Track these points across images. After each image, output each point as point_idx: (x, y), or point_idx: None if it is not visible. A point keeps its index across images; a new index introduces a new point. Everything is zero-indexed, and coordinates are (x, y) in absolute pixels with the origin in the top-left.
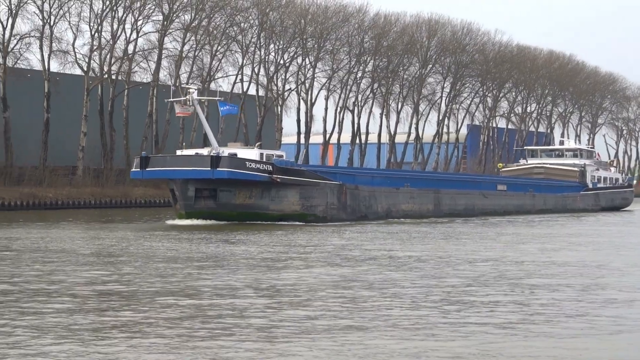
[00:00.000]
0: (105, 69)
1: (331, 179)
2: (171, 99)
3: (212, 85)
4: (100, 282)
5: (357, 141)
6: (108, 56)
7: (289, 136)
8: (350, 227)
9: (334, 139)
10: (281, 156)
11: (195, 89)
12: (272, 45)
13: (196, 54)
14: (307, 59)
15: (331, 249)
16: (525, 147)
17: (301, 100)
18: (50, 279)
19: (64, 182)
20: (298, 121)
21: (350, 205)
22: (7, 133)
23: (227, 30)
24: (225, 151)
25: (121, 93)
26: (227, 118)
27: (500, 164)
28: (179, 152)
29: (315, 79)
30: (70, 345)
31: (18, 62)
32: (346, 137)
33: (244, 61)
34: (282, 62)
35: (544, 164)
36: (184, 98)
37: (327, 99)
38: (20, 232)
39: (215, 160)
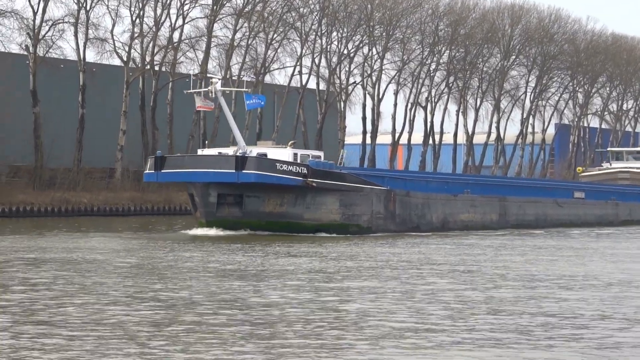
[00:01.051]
0: (148, 59)
1: (378, 183)
2: (191, 90)
3: (267, 78)
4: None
5: (430, 142)
6: (151, 45)
7: (352, 136)
8: (413, 238)
9: (403, 139)
10: (319, 157)
11: (219, 79)
12: (334, 33)
13: (249, 42)
14: (374, 49)
15: (443, 263)
16: (608, 149)
17: (367, 96)
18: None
19: (100, 185)
20: (364, 119)
21: (400, 215)
22: (37, 131)
23: (285, 16)
24: (254, 151)
25: (165, 86)
26: (283, 114)
27: (580, 168)
28: (200, 152)
29: (383, 71)
30: None
31: (50, 51)
32: (418, 137)
33: (303, 51)
34: (345, 52)
35: (630, 168)
36: (205, 89)
37: (396, 93)
38: (53, 241)
39: (241, 161)
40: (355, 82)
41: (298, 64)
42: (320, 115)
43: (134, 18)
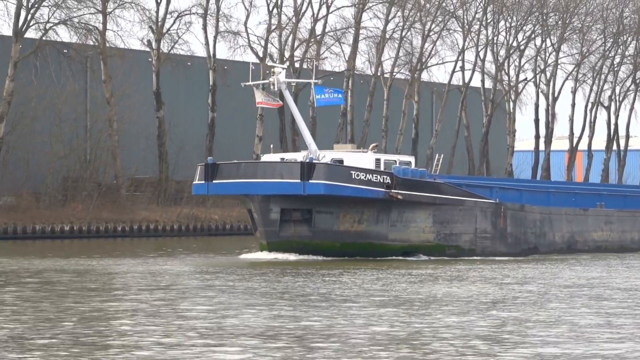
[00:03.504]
0: (287, 54)
1: (484, 195)
2: (250, 82)
3: (424, 75)
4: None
5: (614, 147)
6: (290, 38)
7: (523, 141)
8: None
9: (583, 145)
10: (408, 163)
11: (283, 69)
12: (502, 23)
13: (403, 34)
14: (547, 40)
15: None
16: None
17: (540, 94)
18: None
19: (233, 201)
20: (536, 121)
21: (513, 233)
22: (162, 138)
23: (444, 4)
24: (328, 156)
25: (307, 85)
26: (442, 117)
27: None
28: (264, 158)
29: (558, 66)
30: None
31: (175, 46)
32: (599, 142)
33: (466, 43)
34: (515, 44)
35: None
36: (266, 81)
37: (574, 92)
38: (177, 264)
39: (307, 168)
40: (526, 78)
41: (460, 58)
42: (486, 118)
43: (270, 8)
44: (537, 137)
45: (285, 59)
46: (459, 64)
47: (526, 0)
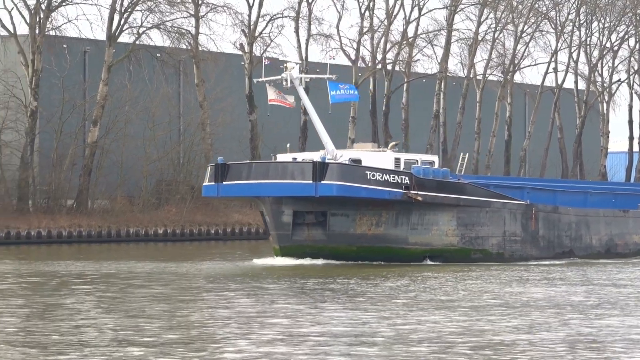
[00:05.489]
0: (379, 57)
1: (513, 196)
2: (262, 79)
3: (517, 77)
4: None
5: None
6: (382, 41)
7: (617, 142)
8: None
9: None
10: (431, 163)
11: (296, 64)
12: (595, 23)
13: (496, 36)
14: None
15: None
16: None
17: (634, 95)
18: None
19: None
20: (630, 122)
21: (545, 236)
22: (254, 141)
23: (537, 5)
24: (345, 155)
25: (399, 88)
26: (536, 119)
27: None
28: (279, 158)
29: None
30: None
31: (268, 49)
32: None
33: (559, 45)
34: (608, 44)
35: None
36: (277, 77)
37: None
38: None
39: (320, 168)
40: (619, 79)
41: (552, 60)
42: (579, 119)
43: (362, 10)
44: (631, 138)
45: (377, 61)
46: (552, 65)
47: (619, 1)
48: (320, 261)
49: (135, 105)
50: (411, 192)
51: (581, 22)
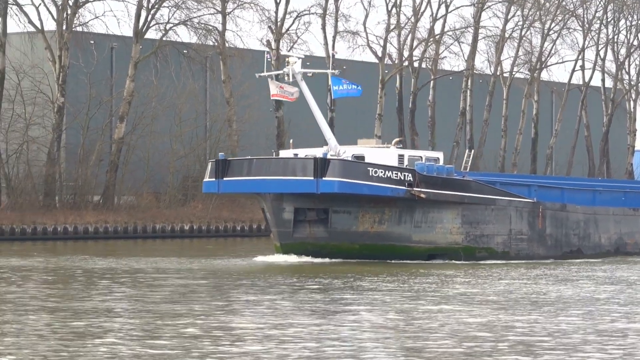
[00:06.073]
0: (406, 54)
1: (519, 194)
2: (264, 73)
3: (544, 74)
4: None
5: None
6: (409, 38)
7: None
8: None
9: None
10: (435, 160)
11: (299, 58)
12: (622, 21)
13: (523, 33)
14: None
15: None
16: None
17: None
18: None
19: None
20: None
21: (552, 235)
22: (281, 137)
23: (564, 2)
24: (348, 151)
25: (426, 85)
26: (562, 116)
27: None
28: (282, 154)
29: None
30: None
31: (294, 46)
32: None
33: (586, 42)
34: (635, 42)
35: None
36: (279, 72)
37: None
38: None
39: (321, 165)
40: None
41: (580, 57)
42: (606, 117)
43: (389, 7)
44: None
45: (404, 59)
46: (579, 63)
47: None
48: (324, 259)
49: (161, 102)
50: (414, 189)
51: (608, 19)
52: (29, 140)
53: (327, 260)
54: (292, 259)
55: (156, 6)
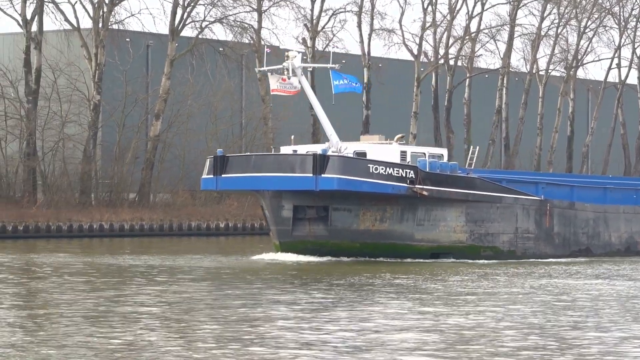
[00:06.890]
0: (441, 52)
1: (526, 192)
2: (264, 68)
3: (580, 72)
4: None
5: None
6: (444, 36)
7: None
8: None
9: None
10: (439, 156)
11: (298, 53)
12: None
13: (559, 31)
14: None
15: None
16: None
17: None
18: None
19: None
20: None
21: (560, 233)
22: (316, 135)
23: (600, 0)
24: (350, 148)
25: (461, 83)
26: (598, 114)
27: None
28: (282, 150)
29: None
30: None
31: (330, 44)
32: None
33: (622, 40)
34: None
35: None
36: (279, 67)
37: None
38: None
39: (320, 161)
40: None
41: (616, 55)
42: None
43: (425, 5)
44: None
45: (439, 56)
46: (615, 61)
47: None
48: (324, 258)
49: (197, 99)
50: (416, 186)
51: None
52: (65, 137)
53: (328, 258)
54: (292, 257)
55: (192, 4)
